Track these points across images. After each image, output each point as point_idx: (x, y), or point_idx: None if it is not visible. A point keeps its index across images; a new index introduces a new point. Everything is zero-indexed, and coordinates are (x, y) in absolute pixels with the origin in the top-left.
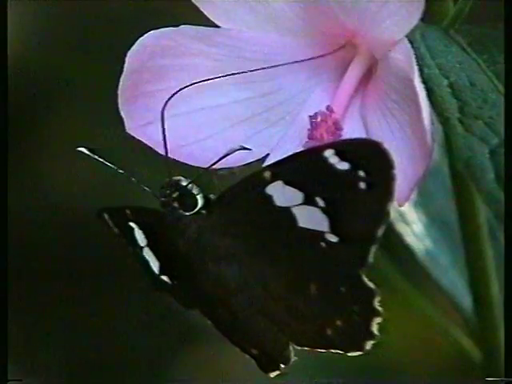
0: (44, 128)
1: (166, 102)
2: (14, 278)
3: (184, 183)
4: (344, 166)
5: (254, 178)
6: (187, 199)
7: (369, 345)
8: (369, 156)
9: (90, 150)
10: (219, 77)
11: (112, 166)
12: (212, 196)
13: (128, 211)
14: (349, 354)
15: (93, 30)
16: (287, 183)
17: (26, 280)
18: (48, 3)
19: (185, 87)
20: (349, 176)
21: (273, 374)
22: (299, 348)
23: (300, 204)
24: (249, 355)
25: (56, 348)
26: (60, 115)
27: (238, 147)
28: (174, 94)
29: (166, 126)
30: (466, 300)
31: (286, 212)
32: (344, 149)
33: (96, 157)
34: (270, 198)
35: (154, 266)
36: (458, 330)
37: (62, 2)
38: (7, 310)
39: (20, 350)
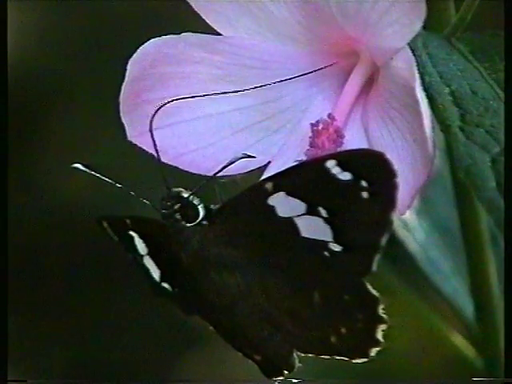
0: (44, 131)
1: (155, 113)
2: (14, 278)
3: (185, 195)
4: (346, 176)
5: (255, 189)
6: (189, 211)
7: (374, 351)
8: (371, 166)
9: (85, 165)
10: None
11: (109, 180)
12: (213, 206)
13: (128, 221)
14: (353, 361)
15: (94, 33)
16: (289, 194)
17: (26, 280)
18: (48, 4)
19: (177, 99)
20: (351, 186)
21: (275, 380)
22: (303, 354)
23: (302, 214)
24: (251, 360)
25: (56, 349)
26: (60, 119)
27: (242, 155)
28: (161, 106)
29: (166, 134)
30: (467, 306)
31: (289, 222)
32: (346, 159)
33: (92, 172)
34: (272, 208)
35: (155, 273)
36: (459, 336)
37: (62, 3)
38: (7, 309)
39: (20, 350)
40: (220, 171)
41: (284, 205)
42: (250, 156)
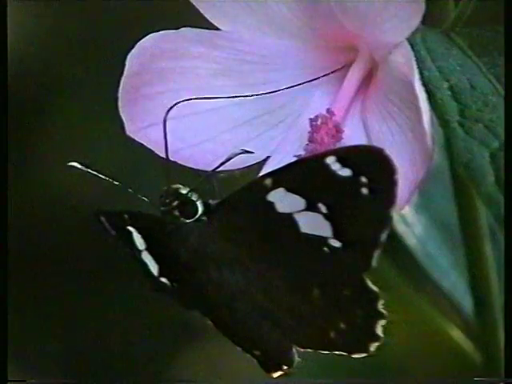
0: (44, 128)
1: (168, 110)
2: (14, 278)
3: (183, 191)
4: (346, 172)
5: (255, 184)
6: (188, 207)
7: (373, 347)
8: (371, 162)
9: (81, 163)
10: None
11: (106, 178)
12: (211, 201)
13: (126, 216)
14: (353, 356)
15: (94, 30)
16: (289, 190)
17: (26, 280)
18: (48, 3)
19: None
20: (351, 182)
21: (275, 375)
22: (302, 350)
23: (302, 210)
24: (251, 355)
25: (56, 348)
26: (60, 116)
27: (240, 151)
28: (174, 105)
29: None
30: (466, 301)
31: (288, 218)
32: (345, 155)
33: (89, 170)
34: (271, 204)
35: (153, 268)
36: (458, 331)
37: (62, 2)
38: (7, 309)
39: (20, 349)
40: (218, 167)
41: (283, 201)
42: (248, 152)
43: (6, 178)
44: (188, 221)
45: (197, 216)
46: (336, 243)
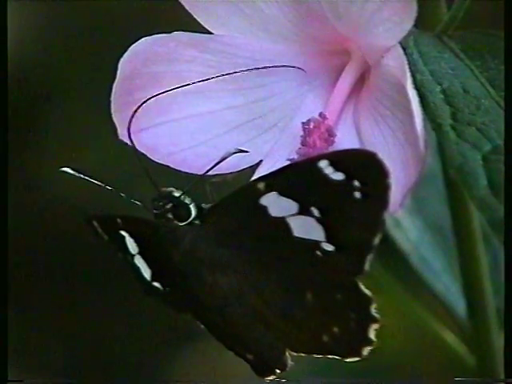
0: (43, 128)
1: (134, 112)
2: (14, 278)
3: (176, 194)
4: (338, 176)
5: (248, 188)
6: (181, 210)
7: (366, 350)
8: (363, 166)
9: (73, 169)
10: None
11: (99, 183)
12: (204, 205)
13: (119, 220)
14: (346, 360)
15: (92, 32)
16: (282, 194)
17: (26, 280)
18: (48, 3)
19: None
20: (344, 186)
21: (268, 379)
22: (295, 354)
23: (295, 214)
24: (244, 359)
25: (56, 348)
26: (59, 116)
27: (235, 150)
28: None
29: (158, 133)
30: (459, 304)
31: (281, 222)
32: (338, 159)
33: (81, 175)
34: (264, 208)
35: (146, 273)
36: (451, 334)
37: (61, 3)
38: (7, 309)
39: (20, 349)
40: (212, 168)
41: (276, 205)
42: (242, 151)
43: (6, 179)
44: (181, 224)
45: (190, 219)
46: (329, 247)
